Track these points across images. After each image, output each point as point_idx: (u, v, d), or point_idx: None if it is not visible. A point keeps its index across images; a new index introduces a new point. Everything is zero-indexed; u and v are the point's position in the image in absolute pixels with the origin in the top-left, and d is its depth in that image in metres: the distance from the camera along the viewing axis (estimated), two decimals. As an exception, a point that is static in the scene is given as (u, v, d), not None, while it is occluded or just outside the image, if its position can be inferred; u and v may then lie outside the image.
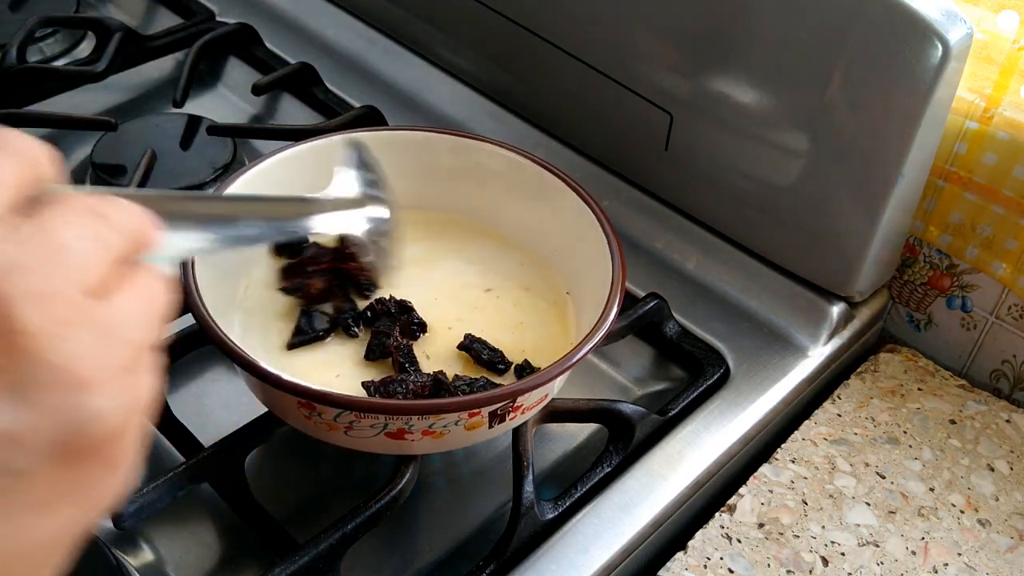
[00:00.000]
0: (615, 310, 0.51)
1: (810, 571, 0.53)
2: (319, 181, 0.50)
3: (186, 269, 0.50)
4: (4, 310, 0.24)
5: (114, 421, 0.26)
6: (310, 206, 0.45)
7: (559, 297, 0.59)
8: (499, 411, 0.49)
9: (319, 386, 0.47)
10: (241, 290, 0.57)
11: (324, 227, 0.45)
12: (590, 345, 0.49)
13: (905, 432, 0.61)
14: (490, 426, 0.49)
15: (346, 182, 0.50)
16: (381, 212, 0.50)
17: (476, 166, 0.62)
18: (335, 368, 0.53)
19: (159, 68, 0.84)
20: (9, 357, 0.24)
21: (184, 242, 0.35)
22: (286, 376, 0.47)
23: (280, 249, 0.59)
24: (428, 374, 0.51)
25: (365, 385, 0.51)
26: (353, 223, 0.48)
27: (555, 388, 0.53)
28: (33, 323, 0.25)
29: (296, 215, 0.43)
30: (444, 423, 0.48)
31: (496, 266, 0.61)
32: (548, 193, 0.59)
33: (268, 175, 0.58)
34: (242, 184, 0.56)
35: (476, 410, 0.47)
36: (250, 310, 0.56)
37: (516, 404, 0.49)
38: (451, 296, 0.59)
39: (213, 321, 0.48)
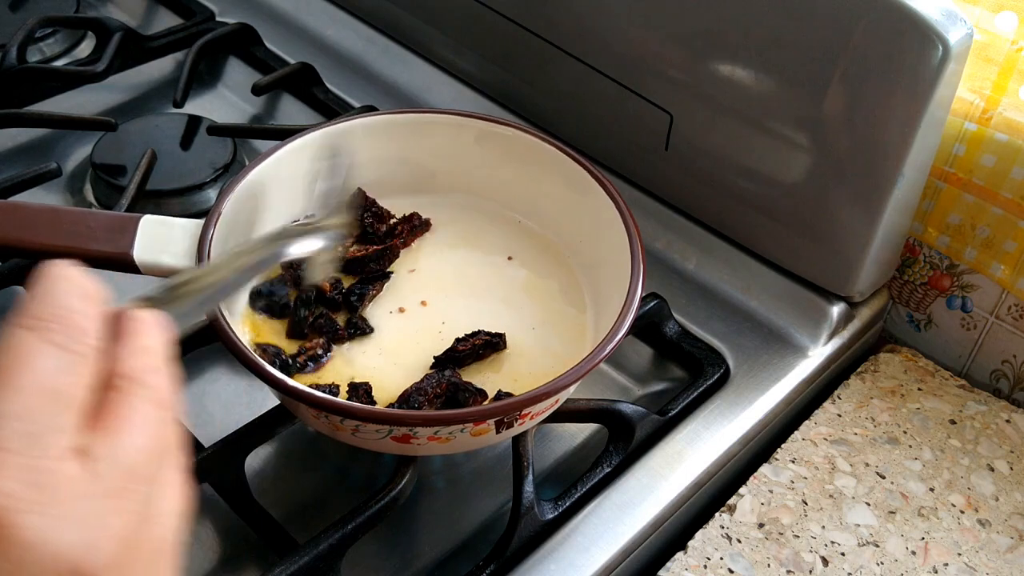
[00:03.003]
0: (628, 322, 0.50)
1: (810, 571, 0.53)
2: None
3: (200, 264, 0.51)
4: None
5: None
6: (277, 242, 0.48)
7: (578, 299, 0.59)
8: (506, 420, 0.49)
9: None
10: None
11: (291, 254, 0.49)
12: (601, 356, 0.49)
13: (905, 432, 0.61)
14: (497, 432, 0.49)
15: (317, 186, 0.54)
16: (333, 235, 0.52)
17: (511, 154, 0.62)
18: None
19: (159, 68, 0.84)
20: None
21: (190, 320, 0.37)
22: (290, 382, 0.47)
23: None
24: (442, 376, 0.52)
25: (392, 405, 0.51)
26: (311, 245, 0.50)
27: (565, 395, 0.53)
28: None
29: (267, 255, 0.47)
30: (449, 430, 0.48)
31: (522, 256, 0.62)
32: (581, 192, 0.59)
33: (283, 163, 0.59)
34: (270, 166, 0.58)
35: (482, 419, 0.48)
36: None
37: (523, 413, 0.49)
38: (470, 285, 0.60)
39: (229, 325, 0.48)
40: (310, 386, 0.48)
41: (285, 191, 0.59)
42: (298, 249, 0.49)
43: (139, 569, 0.28)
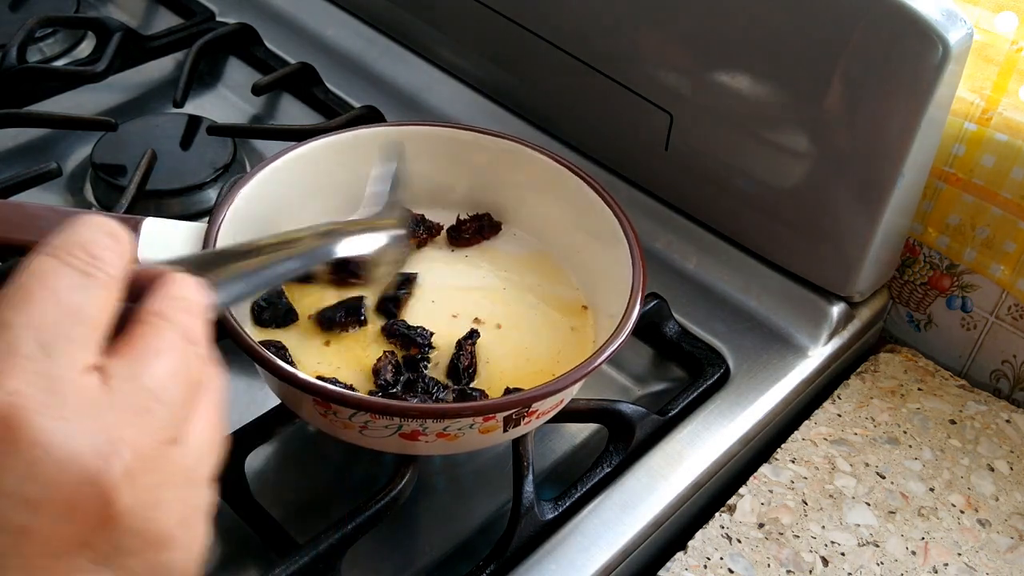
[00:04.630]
0: (633, 319, 0.51)
1: (810, 571, 0.53)
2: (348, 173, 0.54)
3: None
4: (103, 495, 0.25)
5: (189, 568, 0.28)
6: (334, 235, 0.46)
7: (577, 302, 0.59)
8: (514, 416, 0.49)
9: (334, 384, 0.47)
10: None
11: (346, 251, 0.46)
12: (607, 353, 0.49)
13: (905, 432, 0.61)
14: (504, 430, 0.49)
15: (378, 184, 0.53)
16: (396, 232, 0.51)
17: (503, 166, 0.62)
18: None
19: (159, 68, 0.84)
20: (100, 533, 0.25)
21: (226, 298, 0.36)
22: (302, 375, 0.47)
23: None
24: (450, 387, 0.52)
25: (380, 384, 0.51)
26: (371, 243, 0.49)
27: (571, 393, 0.53)
28: (127, 502, 0.25)
29: (321, 245, 0.45)
30: (459, 426, 0.48)
31: (515, 267, 0.61)
32: (575, 198, 0.59)
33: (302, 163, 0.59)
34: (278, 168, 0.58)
35: (491, 415, 0.48)
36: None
37: (531, 409, 0.49)
38: (470, 296, 0.59)
39: (235, 320, 0.48)
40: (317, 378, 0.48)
41: (294, 196, 0.58)
42: (355, 246, 0.47)
43: (163, 492, 0.27)
